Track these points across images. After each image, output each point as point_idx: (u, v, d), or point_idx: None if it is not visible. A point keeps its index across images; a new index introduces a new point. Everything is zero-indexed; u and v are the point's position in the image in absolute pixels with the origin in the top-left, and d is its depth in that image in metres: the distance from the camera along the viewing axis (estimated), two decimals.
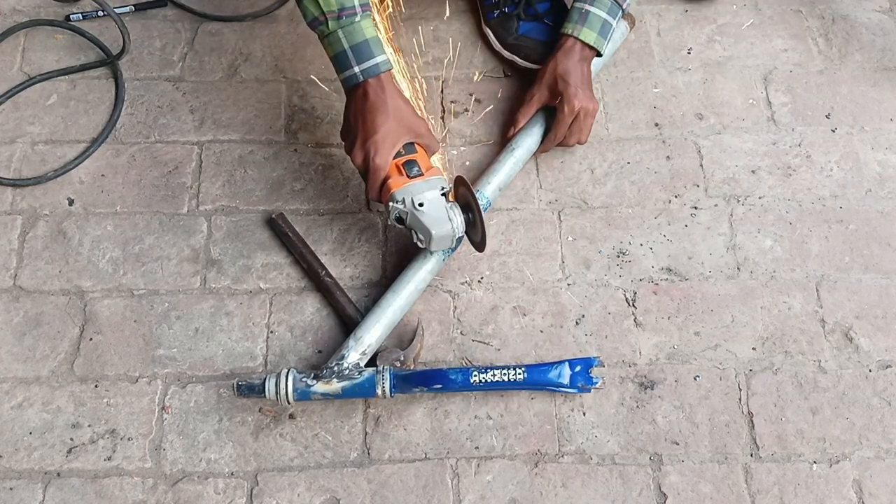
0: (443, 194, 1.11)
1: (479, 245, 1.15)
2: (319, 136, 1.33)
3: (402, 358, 1.11)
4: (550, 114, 1.28)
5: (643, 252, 1.24)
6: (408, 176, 1.11)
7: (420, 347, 1.14)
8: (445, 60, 1.40)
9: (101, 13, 1.42)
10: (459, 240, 1.13)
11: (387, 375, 1.06)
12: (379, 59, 1.09)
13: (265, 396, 1.05)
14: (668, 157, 1.32)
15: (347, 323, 1.16)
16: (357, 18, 1.08)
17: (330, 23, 1.08)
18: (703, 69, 1.41)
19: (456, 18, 1.46)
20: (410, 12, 1.45)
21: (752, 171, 1.31)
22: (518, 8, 1.37)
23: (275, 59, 1.40)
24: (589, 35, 1.25)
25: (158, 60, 1.40)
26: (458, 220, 1.10)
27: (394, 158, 1.11)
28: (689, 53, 1.43)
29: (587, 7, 1.25)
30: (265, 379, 1.05)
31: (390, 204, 1.09)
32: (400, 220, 1.11)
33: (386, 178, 1.11)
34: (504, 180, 1.25)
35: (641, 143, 1.33)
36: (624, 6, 1.27)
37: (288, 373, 1.05)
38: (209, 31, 1.43)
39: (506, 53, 1.39)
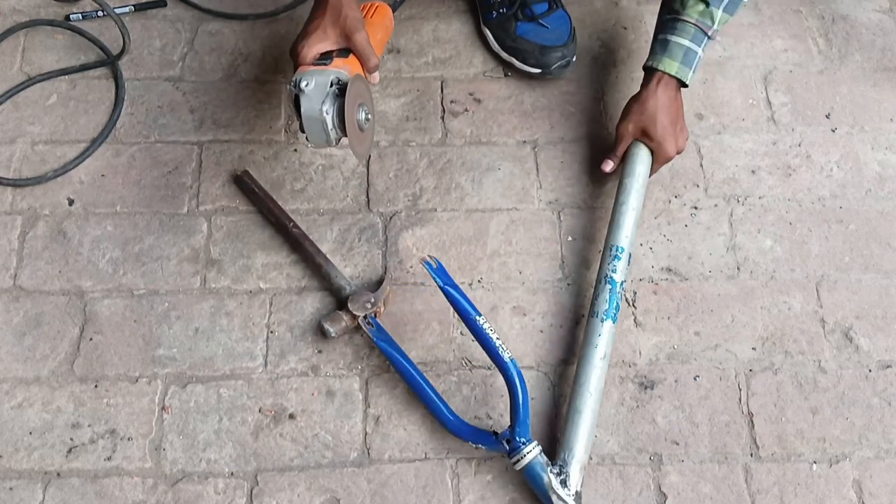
0: (337, 87, 1.06)
1: (359, 153, 1.10)
2: None
3: (372, 300, 1.14)
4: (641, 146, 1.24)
5: (643, 252, 1.24)
6: (313, 65, 1.09)
7: (389, 291, 1.17)
8: (445, 60, 1.40)
9: (101, 13, 1.42)
10: (336, 135, 1.08)
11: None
12: None
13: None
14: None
15: (318, 271, 1.19)
16: None
17: None
18: (703, 69, 1.41)
19: (456, 18, 1.46)
20: (410, 12, 1.45)
21: (752, 171, 1.31)
22: (514, 8, 1.37)
23: (275, 59, 1.40)
24: (671, 65, 1.20)
25: (158, 60, 1.40)
26: (332, 107, 1.05)
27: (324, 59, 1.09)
28: None
29: (668, 37, 1.20)
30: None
31: (287, 86, 1.07)
32: (296, 106, 1.07)
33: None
34: (631, 234, 1.18)
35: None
36: (710, 33, 1.20)
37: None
38: (209, 31, 1.43)
39: (504, 55, 1.39)
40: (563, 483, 1.01)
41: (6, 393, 1.12)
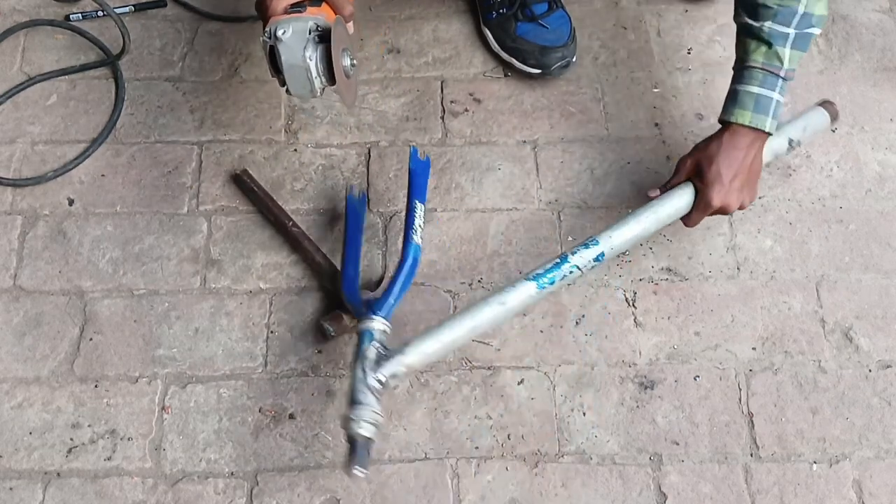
0: (317, 34, 1.01)
1: (348, 100, 1.07)
2: (319, 136, 1.33)
3: (371, 299, 1.13)
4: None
5: (643, 252, 1.24)
6: (287, 13, 1.02)
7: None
8: (445, 60, 1.40)
9: (101, 13, 1.42)
10: (321, 84, 1.02)
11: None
12: None
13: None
14: (668, 157, 1.32)
15: (318, 271, 1.19)
16: None
17: None
18: (703, 69, 1.41)
19: (456, 18, 1.46)
20: (410, 12, 1.45)
21: None
22: (514, 8, 1.37)
23: None
24: (743, 115, 1.11)
25: (158, 60, 1.40)
26: (315, 53, 0.99)
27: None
28: (689, 53, 1.43)
29: (737, 87, 1.13)
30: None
31: (260, 39, 1.01)
32: (272, 59, 1.01)
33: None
34: (639, 234, 1.13)
35: (641, 143, 1.33)
36: (782, 74, 1.10)
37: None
38: (209, 31, 1.43)
39: (504, 55, 1.39)
40: (377, 362, 1.00)
41: (6, 393, 1.12)
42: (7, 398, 1.12)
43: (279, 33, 0.98)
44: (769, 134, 1.13)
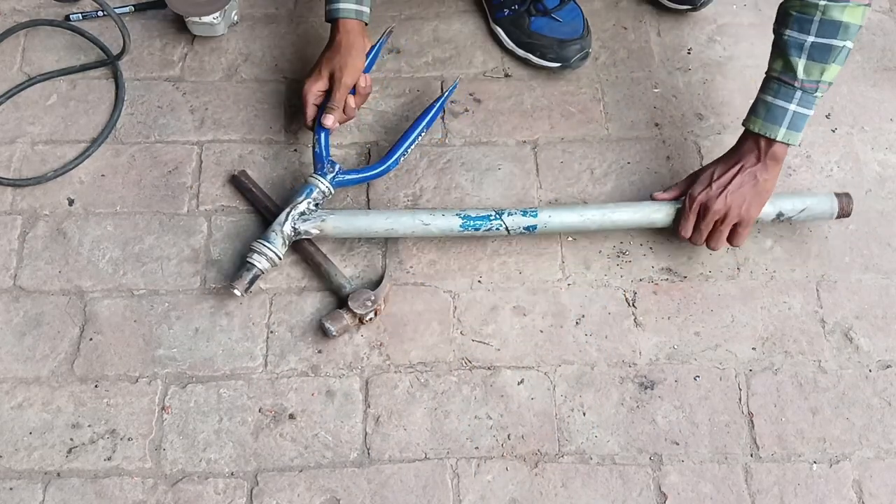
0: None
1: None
2: None
3: (372, 298, 1.14)
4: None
5: (643, 252, 1.24)
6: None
7: (389, 288, 1.17)
8: (445, 60, 1.40)
9: (101, 13, 1.42)
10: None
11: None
12: (338, 5, 1.22)
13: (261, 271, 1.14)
14: (668, 157, 1.32)
15: (318, 271, 1.20)
16: None
17: None
18: (703, 69, 1.41)
19: (456, 18, 1.46)
20: (410, 12, 1.45)
21: None
22: (527, 4, 1.37)
23: (275, 59, 1.40)
24: (754, 122, 1.12)
25: (158, 60, 1.40)
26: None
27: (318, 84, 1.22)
28: (689, 53, 1.43)
29: (757, 95, 1.14)
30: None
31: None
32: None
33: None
34: (577, 222, 1.18)
35: (641, 143, 1.33)
36: (797, 84, 1.09)
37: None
38: None
39: (520, 52, 1.38)
40: (302, 214, 1.16)
41: (6, 393, 1.12)
42: (7, 398, 1.12)
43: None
44: (786, 144, 1.11)
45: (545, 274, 1.22)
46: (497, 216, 1.17)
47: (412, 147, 1.26)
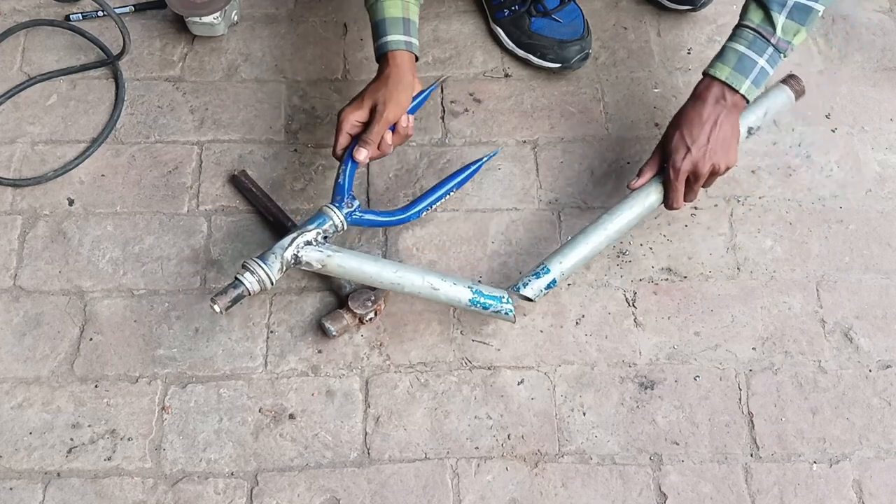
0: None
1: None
2: (319, 136, 1.33)
3: (372, 298, 1.14)
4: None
5: (643, 252, 1.24)
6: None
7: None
8: (445, 60, 1.40)
9: (101, 13, 1.42)
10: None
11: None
12: (387, 38, 1.14)
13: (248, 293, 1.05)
14: None
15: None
16: None
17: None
18: (703, 68, 1.40)
19: (456, 18, 1.46)
20: None
21: (752, 171, 1.31)
22: (527, 5, 1.37)
23: (275, 59, 1.40)
24: (722, 70, 1.10)
25: (158, 60, 1.40)
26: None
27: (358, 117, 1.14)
28: (689, 53, 1.43)
29: (726, 43, 1.12)
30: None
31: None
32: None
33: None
34: (588, 254, 1.14)
35: (641, 143, 1.33)
36: (774, 41, 1.09)
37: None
38: None
39: (520, 52, 1.39)
40: (308, 243, 1.06)
41: (6, 393, 1.12)
42: (7, 398, 1.12)
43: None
44: (746, 99, 1.11)
45: None
46: (508, 300, 1.11)
47: (438, 203, 1.20)
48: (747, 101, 1.12)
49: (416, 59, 1.17)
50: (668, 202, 1.15)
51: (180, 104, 1.35)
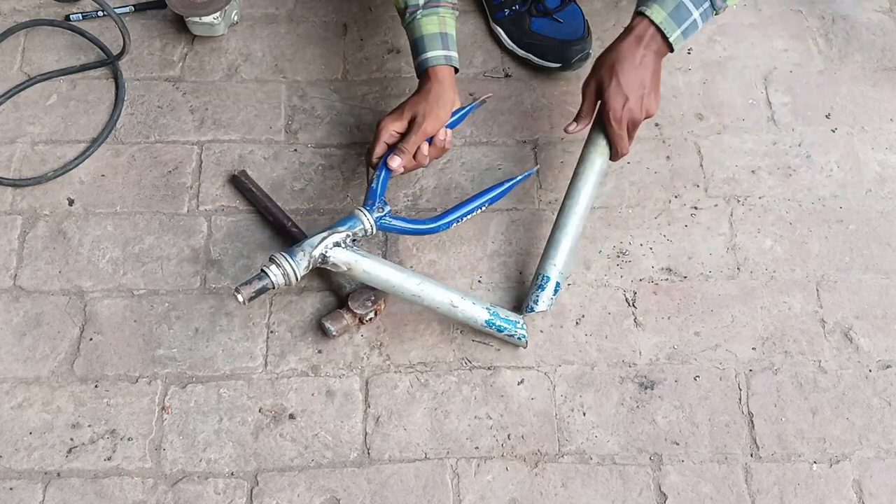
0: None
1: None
2: (319, 136, 1.33)
3: (373, 298, 1.14)
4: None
5: (643, 252, 1.24)
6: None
7: None
8: None
9: (101, 13, 1.42)
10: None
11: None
12: (427, 55, 1.16)
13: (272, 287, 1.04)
14: (668, 157, 1.32)
15: (317, 271, 1.16)
16: (418, 15, 1.16)
17: (403, 18, 1.19)
18: (703, 69, 1.41)
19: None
20: None
21: (752, 171, 1.31)
22: (528, 4, 1.37)
23: (275, 59, 1.40)
24: (657, 13, 1.08)
25: (158, 60, 1.40)
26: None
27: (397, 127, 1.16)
28: (689, 53, 1.43)
29: None
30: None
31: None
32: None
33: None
34: (573, 244, 1.16)
35: (641, 143, 1.33)
36: None
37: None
38: None
39: (520, 52, 1.39)
40: (336, 244, 1.06)
41: (6, 393, 1.12)
42: (7, 398, 1.12)
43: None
44: (671, 48, 1.11)
45: None
46: (524, 325, 1.12)
47: (469, 217, 1.18)
48: (671, 51, 1.12)
49: (457, 70, 1.18)
50: (615, 153, 1.16)
51: (180, 104, 1.35)
